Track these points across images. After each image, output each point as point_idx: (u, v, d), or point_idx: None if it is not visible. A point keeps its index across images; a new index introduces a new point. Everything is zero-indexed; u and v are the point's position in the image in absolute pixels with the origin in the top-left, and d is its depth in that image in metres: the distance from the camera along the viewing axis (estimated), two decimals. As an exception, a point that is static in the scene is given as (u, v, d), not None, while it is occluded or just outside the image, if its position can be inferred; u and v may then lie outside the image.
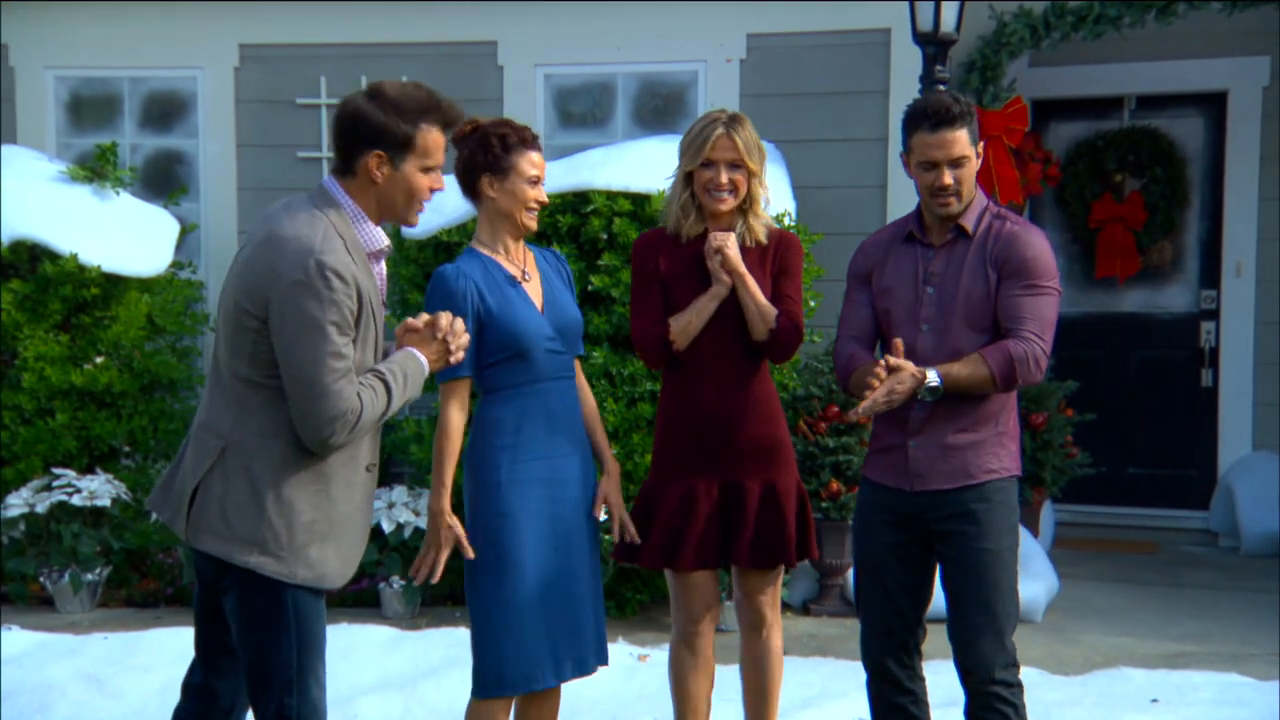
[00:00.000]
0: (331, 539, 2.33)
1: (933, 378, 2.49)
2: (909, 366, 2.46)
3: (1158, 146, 6.40)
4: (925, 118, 2.58)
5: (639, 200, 4.70)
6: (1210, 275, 6.38)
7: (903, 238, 2.72)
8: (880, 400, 2.44)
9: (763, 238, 2.94)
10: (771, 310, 2.92)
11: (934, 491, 2.56)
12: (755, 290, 2.89)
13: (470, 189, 2.82)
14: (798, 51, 5.54)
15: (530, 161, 2.75)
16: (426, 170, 2.36)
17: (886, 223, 5.41)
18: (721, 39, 5.54)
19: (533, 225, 2.81)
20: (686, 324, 2.90)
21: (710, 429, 2.95)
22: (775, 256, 2.98)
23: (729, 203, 2.89)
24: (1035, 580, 4.88)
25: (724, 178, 2.84)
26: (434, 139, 2.35)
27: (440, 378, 2.68)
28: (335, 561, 2.34)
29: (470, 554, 2.75)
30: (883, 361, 2.43)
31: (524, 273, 2.83)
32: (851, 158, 5.55)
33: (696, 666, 3.04)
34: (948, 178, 2.56)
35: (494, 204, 2.78)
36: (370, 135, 2.30)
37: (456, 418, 2.76)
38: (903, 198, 5.30)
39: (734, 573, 3.09)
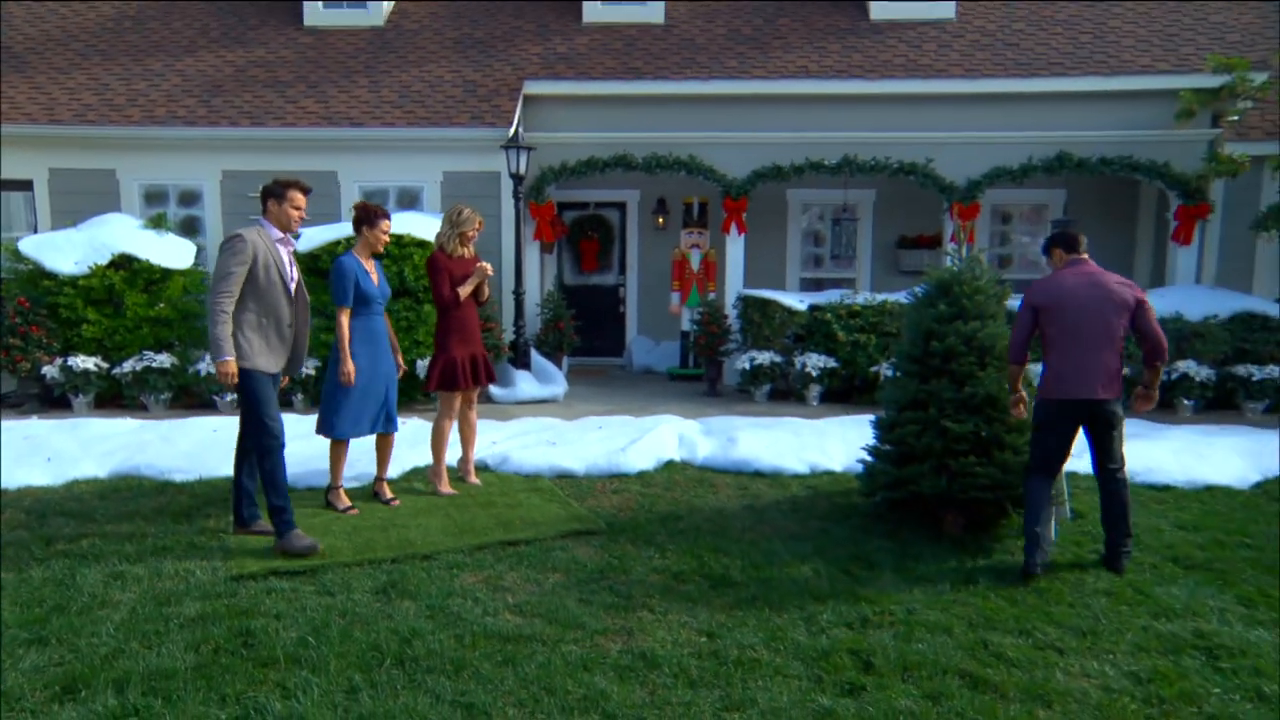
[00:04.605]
0: (264, 353, 4.11)
1: None
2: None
3: (603, 222, 10.31)
4: (1074, 245, 3.94)
5: (412, 240, 7.65)
6: (623, 268, 10.62)
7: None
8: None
9: (471, 254, 5.06)
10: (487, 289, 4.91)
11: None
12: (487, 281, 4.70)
13: (357, 230, 4.73)
14: (465, 179, 8.87)
15: (386, 224, 4.77)
16: (296, 207, 4.15)
17: (501, 250, 8.76)
18: (433, 172, 9.00)
19: (381, 250, 4.73)
20: (466, 291, 4.92)
21: (470, 333, 5.03)
22: (473, 262, 5.10)
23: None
24: (559, 385, 8.07)
25: (476, 234, 5.00)
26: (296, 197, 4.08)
27: (340, 303, 4.55)
28: (264, 361, 4.14)
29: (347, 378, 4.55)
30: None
31: (373, 270, 4.72)
32: (489, 227, 8.62)
33: (450, 428, 5.12)
34: None
35: (366, 239, 4.74)
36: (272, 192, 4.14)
37: (348, 323, 4.62)
38: (507, 243, 8.57)
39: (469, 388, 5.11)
